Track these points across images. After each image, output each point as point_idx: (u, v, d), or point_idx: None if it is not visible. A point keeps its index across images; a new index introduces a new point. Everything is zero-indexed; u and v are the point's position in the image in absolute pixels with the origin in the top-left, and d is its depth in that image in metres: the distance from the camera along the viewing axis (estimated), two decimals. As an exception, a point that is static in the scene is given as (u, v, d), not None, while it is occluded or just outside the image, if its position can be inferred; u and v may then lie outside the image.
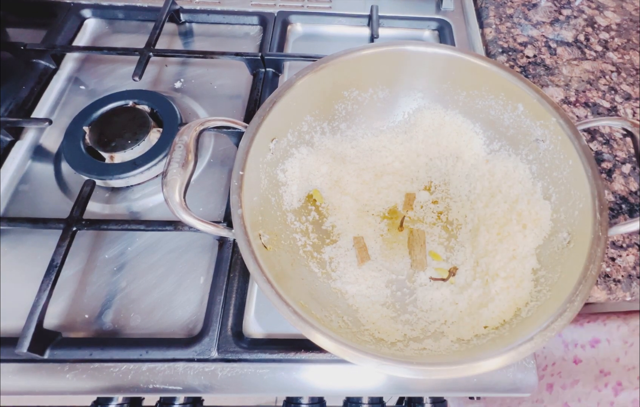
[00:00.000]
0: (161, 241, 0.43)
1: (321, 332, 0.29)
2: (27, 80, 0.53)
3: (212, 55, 0.54)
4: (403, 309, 0.38)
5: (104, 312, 0.39)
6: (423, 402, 0.42)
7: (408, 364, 0.28)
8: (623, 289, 0.41)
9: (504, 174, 0.44)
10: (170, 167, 0.32)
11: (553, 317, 0.30)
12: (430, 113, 0.48)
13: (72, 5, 0.61)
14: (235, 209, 0.33)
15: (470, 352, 0.32)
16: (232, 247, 0.41)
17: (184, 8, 0.62)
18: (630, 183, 0.47)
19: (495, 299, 0.36)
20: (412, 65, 0.46)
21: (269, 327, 0.39)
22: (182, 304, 0.40)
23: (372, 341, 0.34)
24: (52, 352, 0.36)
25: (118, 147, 0.46)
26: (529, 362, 0.37)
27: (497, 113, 0.45)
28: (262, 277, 0.31)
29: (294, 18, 0.63)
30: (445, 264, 0.41)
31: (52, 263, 0.37)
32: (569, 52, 0.60)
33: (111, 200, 0.45)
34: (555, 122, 0.40)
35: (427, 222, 0.44)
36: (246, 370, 0.36)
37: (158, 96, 0.51)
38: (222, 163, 0.49)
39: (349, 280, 0.39)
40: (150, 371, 0.36)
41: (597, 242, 0.33)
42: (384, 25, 0.63)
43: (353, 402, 0.41)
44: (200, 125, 0.36)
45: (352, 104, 0.47)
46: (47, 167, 0.48)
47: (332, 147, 0.46)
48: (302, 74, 0.42)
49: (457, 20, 0.64)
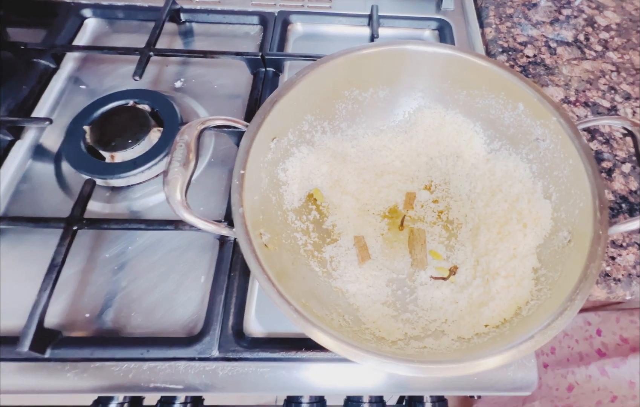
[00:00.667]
0: (162, 240, 0.43)
1: (322, 330, 0.29)
2: (27, 79, 0.53)
3: (213, 55, 0.54)
4: (404, 307, 0.38)
5: (104, 311, 0.39)
6: (423, 401, 0.42)
7: (409, 363, 0.28)
8: (623, 288, 0.41)
9: (505, 173, 0.44)
10: (172, 166, 0.32)
11: (554, 315, 0.30)
12: (431, 112, 0.48)
13: (73, 5, 0.61)
14: (236, 208, 0.33)
15: (471, 350, 0.32)
16: (233, 247, 0.41)
17: (184, 8, 0.62)
18: (630, 182, 0.47)
19: (496, 297, 0.36)
20: (412, 65, 0.46)
21: (269, 326, 0.39)
22: (182, 303, 0.40)
23: (372, 340, 0.34)
24: (53, 351, 0.36)
25: (118, 146, 0.46)
26: (530, 361, 0.37)
27: (498, 112, 0.45)
28: (263, 275, 0.31)
29: (294, 18, 0.63)
30: (445, 263, 0.41)
31: (52, 262, 0.37)
32: (568, 51, 0.60)
33: (112, 200, 0.45)
34: (556, 122, 0.40)
35: (428, 221, 0.44)
36: (247, 369, 0.36)
37: (158, 96, 0.51)
38: (223, 162, 0.49)
39: (349, 279, 0.39)
40: (151, 370, 0.36)
41: (597, 241, 0.33)
42: (384, 25, 0.63)
43: (354, 401, 0.41)
44: (201, 124, 0.36)
45: (352, 103, 0.47)
46: (48, 166, 0.47)
47: (332, 147, 0.46)
48: (302, 74, 0.42)
49: (457, 19, 0.64)
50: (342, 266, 0.40)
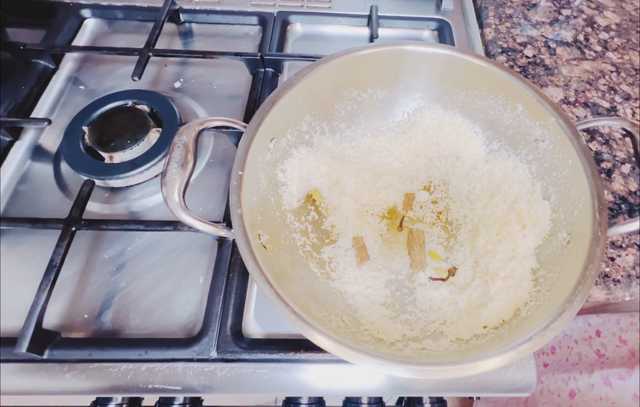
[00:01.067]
0: (160, 241, 0.43)
1: (320, 332, 0.29)
2: (26, 80, 0.53)
3: (212, 55, 0.54)
4: (402, 309, 0.38)
5: (103, 312, 0.39)
6: (422, 402, 0.42)
7: (407, 364, 0.28)
8: (622, 289, 0.41)
9: (504, 174, 0.44)
10: (170, 167, 0.32)
11: (552, 317, 0.30)
12: (430, 113, 0.48)
13: (72, 5, 0.61)
14: (234, 209, 0.33)
15: (470, 352, 0.32)
16: (231, 247, 0.41)
17: (184, 8, 0.62)
18: (629, 183, 0.47)
19: (495, 299, 0.36)
20: (411, 66, 0.46)
21: (268, 327, 0.39)
22: (181, 304, 0.40)
23: (371, 341, 0.34)
24: (51, 352, 0.36)
25: (117, 147, 0.46)
26: (528, 362, 0.37)
27: (497, 113, 0.45)
28: (262, 277, 0.31)
29: (294, 18, 0.63)
30: (444, 264, 0.41)
31: (51, 263, 0.37)
32: (568, 52, 0.60)
33: (110, 201, 0.45)
34: (555, 122, 0.40)
35: (427, 222, 0.44)
36: (245, 370, 0.36)
37: (157, 96, 0.51)
38: (221, 163, 0.49)
39: (348, 280, 0.39)
40: (150, 371, 0.36)
41: (596, 242, 0.33)
42: (384, 25, 0.63)
43: (352, 402, 0.41)
44: (199, 125, 0.36)
45: (351, 104, 0.47)
46: (47, 167, 0.47)
47: (331, 147, 0.46)
48: (301, 74, 0.42)
49: (456, 20, 0.64)
50: (340, 267, 0.40)
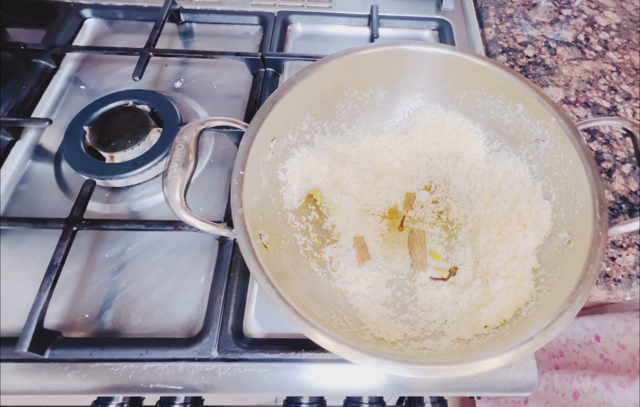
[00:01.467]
0: (161, 241, 0.43)
1: (321, 331, 0.29)
2: (27, 80, 0.53)
3: (212, 55, 0.54)
4: (403, 308, 0.38)
5: (104, 312, 0.39)
6: (423, 401, 0.42)
7: (408, 364, 0.28)
8: (623, 289, 0.41)
9: (504, 174, 0.44)
10: (171, 166, 0.32)
11: (553, 316, 0.30)
12: (431, 113, 0.48)
13: (72, 5, 0.61)
14: (235, 209, 0.33)
15: (471, 351, 0.32)
16: (232, 247, 0.41)
17: (184, 8, 0.62)
18: (630, 183, 0.47)
19: (496, 298, 0.36)
20: (412, 65, 0.46)
21: (269, 326, 0.39)
22: (182, 304, 0.40)
23: (372, 341, 0.34)
24: (52, 352, 0.36)
25: (118, 147, 0.46)
26: (529, 362, 0.37)
27: (497, 113, 0.45)
28: (263, 276, 0.31)
29: (294, 18, 0.63)
30: (445, 263, 0.41)
31: (52, 263, 0.37)
32: (569, 52, 0.60)
33: (111, 200, 0.45)
34: (556, 122, 0.40)
35: (428, 222, 0.44)
36: (246, 370, 0.36)
37: (158, 96, 0.51)
38: (222, 163, 0.49)
39: (349, 279, 0.39)
40: (151, 370, 0.36)
41: (597, 241, 0.33)
42: (384, 25, 0.63)
43: (353, 402, 0.41)
44: (200, 125, 0.36)
45: (352, 103, 0.47)
46: (47, 167, 0.47)
47: (332, 147, 0.46)
48: (302, 74, 0.42)
49: (457, 20, 0.64)
50: (341, 267, 0.40)
